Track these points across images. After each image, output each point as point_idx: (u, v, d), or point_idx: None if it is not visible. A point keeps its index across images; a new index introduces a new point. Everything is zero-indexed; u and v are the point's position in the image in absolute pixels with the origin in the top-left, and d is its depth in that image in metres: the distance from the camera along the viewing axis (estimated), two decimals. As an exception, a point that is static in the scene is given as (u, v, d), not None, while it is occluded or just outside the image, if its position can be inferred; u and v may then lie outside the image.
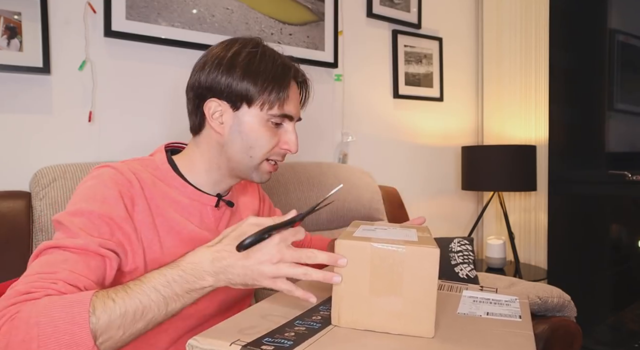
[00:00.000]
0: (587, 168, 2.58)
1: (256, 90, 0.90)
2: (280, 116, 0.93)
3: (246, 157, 0.93)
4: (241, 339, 0.62)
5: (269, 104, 0.91)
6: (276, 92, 0.91)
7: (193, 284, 0.71)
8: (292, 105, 0.95)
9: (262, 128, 0.92)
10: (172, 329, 0.90)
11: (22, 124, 1.39)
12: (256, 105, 0.91)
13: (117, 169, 0.86)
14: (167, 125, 1.62)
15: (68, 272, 0.70)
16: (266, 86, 0.91)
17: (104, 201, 0.80)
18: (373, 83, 2.22)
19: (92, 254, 0.75)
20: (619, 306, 2.51)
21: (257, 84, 0.90)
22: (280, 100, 0.92)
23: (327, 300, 0.81)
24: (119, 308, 0.65)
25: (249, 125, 0.92)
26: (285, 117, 0.94)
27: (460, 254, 1.63)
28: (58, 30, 1.43)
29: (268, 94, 0.91)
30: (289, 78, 0.94)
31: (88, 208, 0.79)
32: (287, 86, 0.93)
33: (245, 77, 0.90)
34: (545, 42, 2.34)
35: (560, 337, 1.47)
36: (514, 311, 0.81)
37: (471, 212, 2.66)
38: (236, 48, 0.93)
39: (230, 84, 0.90)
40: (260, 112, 0.92)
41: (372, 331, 0.69)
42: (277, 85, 0.91)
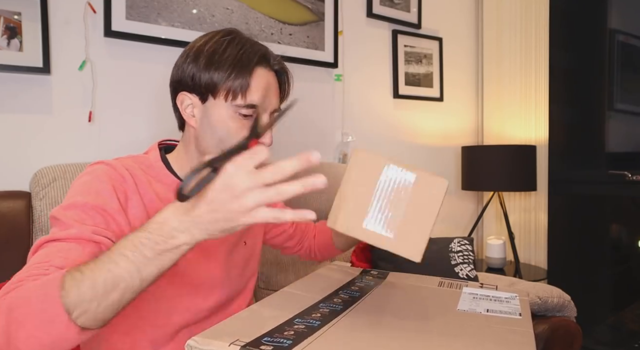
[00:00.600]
0: (587, 168, 2.58)
1: (218, 79, 0.86)
2: (246, 107, 0.87)
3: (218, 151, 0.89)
4: (240, 339, 0.62)
5: (232, 94, 0.86)
6: (239, 80, 0.86)
7: (163, 245, 0.63)
8: (260, 94, 0.88)
9: (230, 120, 0.87)
10: (170, 325, 0.90)
11: (22, 124, 1.39)
12: (221, 96, 0.87)
13: (111, 165, 0.86)
14: (167, 125, 1.61)
15: (61, 259, 0.70)
16: (228, 74, 0.86)
17: (98, 194, 0.80)
18: (373, 83, 2.22)
19: (86, 241, 0.74)
20: (619, 306, 2.51)
21: (218, 72, 0.86)
22: (243, 89, 0.86)
23: (326, 297, 0.81)
24: (87, 279, 0.62)
25: (216, 117, 0.88)
26: (253, 107, 0.88)
27: (460, 254, 1.63)
28: (58, 30, 1.43)
29: (231, 82, 0.86)
30: (252, 64, 0.87)
31: (82, 200, 0.78)
32: (250, 73, 0.87)
33: (208, 66, 0.87)
34: (545, 42, 2.34)
35: (560, 337, 1.47)
36: (514, 308, 0.81)
37: (471, 212, 2.65)
38: (207, 38, 0.90)
39: (194, 74, 0.88)
40: (226, 103, 0.87)
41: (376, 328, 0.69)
42: (239, 73, 0.86)
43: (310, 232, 1.28)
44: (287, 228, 1.22)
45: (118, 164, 0.87)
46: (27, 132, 1.40)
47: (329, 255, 1.29)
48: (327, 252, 1.26)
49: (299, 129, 1.97)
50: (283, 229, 1.21)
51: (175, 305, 0.90)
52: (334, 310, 0.75)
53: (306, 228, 1.27)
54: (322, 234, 1.25)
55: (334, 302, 0.79)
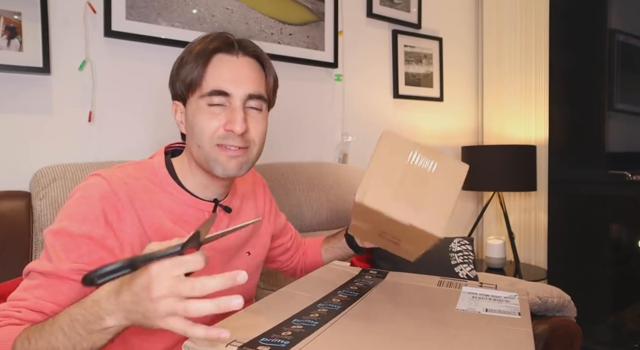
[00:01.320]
0: (587, 168, 2.58)
1: (184, 74, 0.87)
2: (209, 94, 0.85)
3: (196, 148, 0.88)
4: (237, 340, 0.62)
5: (196, 85, 0.86)
6: (197, 69, 0.85)
7: (94, 325, 0.62)
8: (222, 80, 0.86)
9: (200, 113, 0.86)
10: (167, 337, 0.88)
11: (22, 124, 1.39)
12: (191, 93, 0.88)
13: (107, 179, 0.83)
14: (167, 126, 1.62)
15: (35, 299, 0.73)
16: (190, 67, 0.86)
17: (85, 220, 0.79)
18: (373, 83, 2.22)
19: (64, 278, 0.75)
20: (619, 306, 2.51)
21: (185, 69, 0.87)
22: (201, 77, 0.85)
23: (325, 297, 0.81)
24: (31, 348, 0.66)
25: (190, 114, 0.89)
26: (218, 94, 0.85)
27: (460, 254, 1.63)
28: (58, 30, 1.43)
29: (192, 75, 0.86)
30: (209, 52, 0.86)
31: (68, 228, 0.78)
32: (208, 60, 0.86)
33: (179, 69, 0.89)
34: (545, 42, 2.34)
35: (560, 337, 1.47)
36: (513, 308, 0.81)
37: (471, 212, 2.65)
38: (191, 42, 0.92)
39: (173, 81, 0.91)
40: (194, 98, 0.87)
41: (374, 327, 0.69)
42: (197, 63, 0.86)
43: (301, 247, 1.27)
44: (285, 241, 1.22)
45: (115, 178, 0.84)
46: (27, 132, 1.40)
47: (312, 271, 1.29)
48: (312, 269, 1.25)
49: (299, 129, 1.97)
50: (282, 242, 1.21)
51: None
52: (332, 310, 0.75)
53: (299, 244, 1.27)
54: (313, 251, 1.25)
55: (333, 302, 0.79)
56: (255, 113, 0.91)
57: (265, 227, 1.10)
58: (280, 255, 1.23)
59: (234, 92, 0.86)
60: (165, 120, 1.62)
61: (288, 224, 1.25)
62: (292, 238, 1.24)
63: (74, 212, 0.80)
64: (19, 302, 0.73)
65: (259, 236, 1.07)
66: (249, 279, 1.03)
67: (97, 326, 0.62)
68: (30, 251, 1.25)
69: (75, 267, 0.76)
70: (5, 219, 1.24)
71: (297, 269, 1.27)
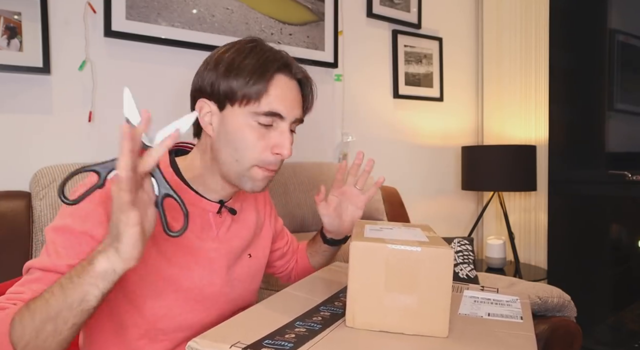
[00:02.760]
0: (587, 168, 2.58)
1: (237, 86, 0.83)
2: (265, 114, 0.84)
3: (232, 161, 0.86)
4: (241, 341, 0.62)
5: (250, 100, 0.84)
6: (257, 86, 0.83)
7: (86, 268, 0.65)
8: (280, 102, 0.85)
9: (246, 128, 0.85)
10: (169, 340, 0.88)
11: (22, 124, 1.39)
12: (239, 103, 0.84)
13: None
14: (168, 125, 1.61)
15: (32, 292, 0.72)
16: (247, 80, 0.83)
17: (87, 218, 0.79)
18: (373, 83, 2.22)
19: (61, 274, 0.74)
20: (619, 306, 2.51)
21: (238, 79, 0.84)
22: (260, 95, 0.84)
23: (327, 300, 0.81)
24: (29, 312, 0.66)
25: (232, 125, 0.85)
26: (272, 115, 0.85)
27: (460, 254, 1.64)
28: (58, 30, 1.43)
29: (249, 87, 0.83)
30: (272, 70, 0.85)
31: (70, 225, 0.78)
32: (270, 78, 0.84)
33: (227, 73, 0.84)
34: (545, 42, 2.34)
35: (560, 337, 1.47)
36: (515, 312, 0.81)
37: (471, 212, 2.65)
38: (228, 46, 0.89)
39: (213, 81, 0.86)
40: (243, 110, 0.84)
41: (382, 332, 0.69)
42: (257, 79, 0.83)
43: (296, 253, 1.26)
44: (282, 246, 1.20)
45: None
46: (27, 132, 1.40)
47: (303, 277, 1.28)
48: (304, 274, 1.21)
49: (299, 129, 1.96)
50: (278, 246, 1.19)
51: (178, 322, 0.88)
52: (335, 314, 0.75)
53: (295, 250, 1.25)
54: (302, 256, 1.24)
55: (335, 306, 0.78)
56: (293, 135, 0.91)
57: (266, 229, 1.09)
58: (277, 260, 1.21)
59: (287, 116, 0.87)
60: (166, 120, 1.61)
61: (284, 228, 1.24)
62: (288, 243, 1.23)
63: (75, 209, 0.80)
64: (15, 295, 0.72)
65: (261, 238, 1.07)
66: (249, 283, 1.03)
67: (88, 269, 0.64)
68: (30, 251, 1.24)
69: (74, 263, 0.75)
70: (5, 219, 1.24)
71: (291, 274, 1.26)
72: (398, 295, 0.69)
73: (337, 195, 1.12)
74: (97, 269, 0.64)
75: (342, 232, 1.13)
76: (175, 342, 0.89)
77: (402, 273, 0.68)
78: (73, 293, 0.64)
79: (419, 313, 0.68)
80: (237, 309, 0.98)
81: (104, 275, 0.64)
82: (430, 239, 0.73)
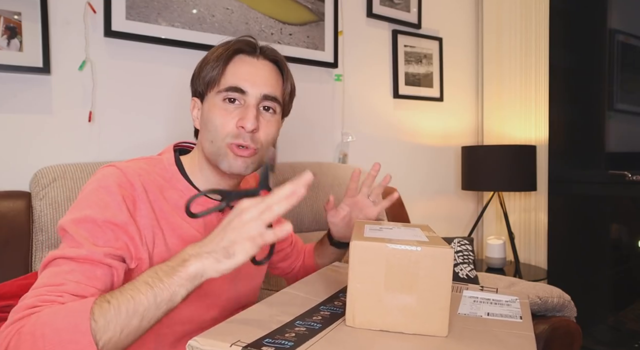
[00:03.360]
0: (587, 168, 2.58)
1: (205, 74, 0.91)
2: (226, 90, 0.89)
3: (209, 143, 0.90)
4: (241, 340, 0.62)
5: (214, 82, 0.90)
6: (218, 68, 0.90)
7: (177, 270, 0.68)
8: (238, 77, 0.90)
9: (214, 109, 0.90)
10: (171, 334, 0.88)
11: (22, 124, 1.39)
12: (209, 89, 0.91)
13: (122, 170, 0.85)
14: (167, 126, 1.62)
15: (74, 283, 0.71)
16: (212, 66, 0.90)
17: (107, 207, 0.79)
18: (373, 83, 2.22)
19: (98, 263, 0.75)
20: (619, 306, 2.51)
21: (206, 68, 0.91)
22: (220, 75, 0.90)
23: (327, 299, 0.81)
24: (113, 307, 0.65)
25: (206, 110, 0.92)
26: (233, 90, 0.89)
27: (460, 254, 1.64)
28: (58, 30, 1.43)
29: (212, 72, 0.90)
30: (231, 52, 0.91)
31: (91, 215, 0.78)
32: (228, 58, 0.91)
33: (201, 67, 0.93)
34: (545, 42, 2.34)
35: (560, 337, 1.47)
36: (515, 312, 0.81)
37: (471, 212, 2.66)
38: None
39: (194, 79, 0.94)
40: (211, 94, 0.91)
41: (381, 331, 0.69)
42: (218, 61, 0.90)
43: (301, 255, 1.27)
44: (285, 247, 1.21)
45: (129, 169, 0.86)
46: (27, 132, 1.40)
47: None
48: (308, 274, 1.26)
49: (299, 129, 1.97)
50: (281, 247, 1.20)
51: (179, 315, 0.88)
52: (335, 313, 0.75)
53: (300, 251, 1.26)
54: (309, 258, 1.26)
55: (335, 305, 0.79)
56: (269, 115, 0.93)
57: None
58: (281, 262, 1.22)
59: (250, 91, 0.90)
60: (166, 120, 1.62)
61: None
62: (292, 244, 1.24)
63: (94, 200, 0.80)
64: (55, 287, 0.70)
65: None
66: (251, 280, 1.03)
67: (180, 270, 0.68)
68: (30, 251, 1.24)
69: (107, 251, 0.76)
70: (5, 219, 1.24)
71: (297, 276, 1.27)
72: (398, 295, 0.69)
73: (349, 205, 1.13)
74: (190, 271, 0.68)
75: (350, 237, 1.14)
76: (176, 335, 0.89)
77: (402, 273, 0.68)
78: (162, 292, 0.67)
79: (419, 312, 0.69)
80: (239, 307, 0.98)
81: (193, 278, 0.68)
82: (430, 239, 0.73)
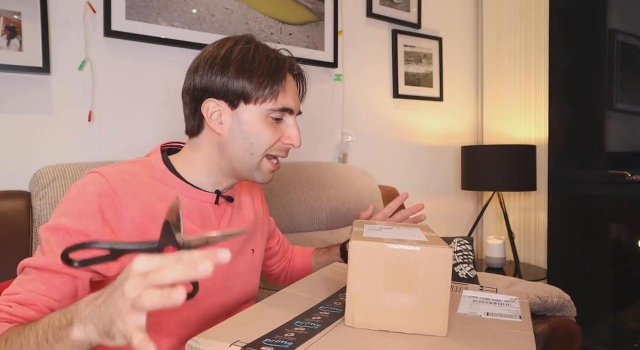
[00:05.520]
0: (587, 168, 2.58)
1: (252, 87, 0.89)
2: (279, 110, 0.92)
3: (247, 155, 0.92)
4: (241, 340, 0.62)
5: (266, 99, 0.90)
6: (271, 86, 0.90)
7: (62, 331, 0.59)
8: (290, 98, 0.94)
9: (262, 124, 0.91)
10: (176, 336, 0.88)
11: (22, 124, 1.39)
12: (254, 102, 0.90)
13: (105, 177, 0.84)
14: (167, 126, 1.62)
15: (28, 292, 0.73)
16: (262, 81, 0.90)
17: (81, 217, 0.79)
18: (373, 83, 2.22)
19: (58, 273, 0.75)
20: (619, 306, 2.51)
21: (252, 81, 0.89)
22: (276, 94, 0.91)
23: (327, 300, 0.81)
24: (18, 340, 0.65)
25: (248, 122, 0.91)
26: (284, 111, 0.93)
27: (460, 254, 1.64)
28: (58, 30, 1.43)
29: (264, 89, 0.90)
30: (284, 71, 0.93)
31: (65, 224, 0.79)
32: (283, 79, 0.92)
33: (240, 74, 0.89)
34: (545, 42, 2.34)
35: (560, 337, 1.47)
36: (514, 312, 0.81)
37: (471, 212, 2.65)
38: (228, 46, 0.92)
39: (226, 83, 0.90)
40: (259, 108, 0.91)
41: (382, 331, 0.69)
42: (272, 80, 0.90)
43: (289, 254, 1.28)
44: (273, 245, 1.23)
45: (113, 175, 0.85)
46: (27, 132, 1.40)
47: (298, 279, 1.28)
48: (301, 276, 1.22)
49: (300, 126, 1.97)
50: (270, 245, 1.21)
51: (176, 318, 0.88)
52: (334, 313, 0.75)
53: (287, 250, 1.28)
54: (301, 260, 1.27)
55: (335, 305, 0.79)
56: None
57: (263, 225, 1.11)
58: (267, 260, 1.23)
59: (295, 110, 0.96)
60: (166, 120, 1.62)
61: (276, 229, 1.27)
62: (279, 243, 1.25)
63: (70, 208, 0.80)
64: (12, 296, 0.73)
65: (261, 235, 1.09)
66: (251, 277, 1.03)
67: (64, 334, 0.59)
68: (30, 251, 1.24)
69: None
70: (5, 219, 1.24)
71: (281, 275, 1.29)
72: (397, 295, 0.69)
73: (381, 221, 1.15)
74: (73, 338, 0.58)
75: None
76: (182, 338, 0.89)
77: (402, 273, 0.68)
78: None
79: (418, 312, 0.69)
80: (238, 304, 0.99)
81: (79, 345, 0.59)
82: (430, 239, 0.73)
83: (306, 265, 1.26)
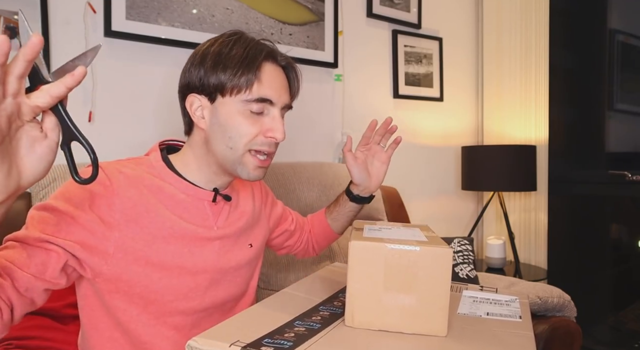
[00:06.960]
0: (587, 168, 2.58)
1: (226, 76, 0.87)
2: (255, 101, 0.87)
3: (227, 149, 0.89)
4: (241, 340, 0.62)
5: (241, 89, 0.87)
6: (246, 75, 0.86)
7: None
8: (268, 88, 0.89)
9: (239, 116, 0.88)
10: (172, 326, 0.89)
11: (22, 124, 1.39)
12: (229, 93, 0.87)
13: (102, 167, 0.84)
14: (167, 125, 1.62)
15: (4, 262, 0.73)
16: (235, 71, 0.86)
17: (70, 199, 0.80)
18: (373, 83, 2.22)
19: (32, 246, 0.75)
20: (619, 306, 2.51)
21: (226, 71, 0.87)
22: (250, 83, 0.87)
23: (326, 300, 0.81)
24: None
25: (225, 115, 0.88)
26: (262, 101, 0.88)
27: (460, 254, 1.64)
28: (58, 30, 1.43)
29: (238, 78, 0.86)
30: (259, 59, 0.88)
31: (53, 204, 0.79)
32: (258, 67, 0.88)
33: (215, 66, 0.87)
34: (545, 42, 2.34)
35: (560, 337, 1.47)
36: (514, 311, 0.81)
37: (471, 212, 2.65)
38: (212, 40, 0.92)
39: (202, 76, 0.88)
40: (234, 99, 0.87)
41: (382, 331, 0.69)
42: (246, 68, 0.87)
43: (306, 225, 1.29)
44: (288, 226, 1.22)
45: (111, 167, 0.85)
46: (27, 133, 1.40)
47: (327, 244, 1.31)
48: (326, 240, 1.29)
49: (299, 129, 1.97)
50: (285, 228, 1.21)
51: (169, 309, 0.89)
52: (334, 313, 0.75)
53: (303, 224, 1.28)
54: (319, 224, 1.27)
55: (334, 305, 0.79)
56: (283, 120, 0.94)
57: (264, 218, 1.11)
58: (287, 240, 1.24)
59: (277, 102, 0.90)
60: (165, 119, 1.62)
61: (286, 209, 1.26)
62: (293, 221, 1.25)
63: (62, 192, 0.81)
64: None
65: (260, 228, 1.08)
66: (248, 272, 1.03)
67: None
68: (30, 252, 1.24)
69: (44, 237, 0.76)
70: (5, 219, 1.24)
71: (308, 248, 1.30)
72: (397, 295, 0.69)
73: (363, 151, 1.20)
74: None
75: (369, 187, 1.19)
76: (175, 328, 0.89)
77: (401, 272, 0.68)
78: None
79: (418, 312, 0.69)
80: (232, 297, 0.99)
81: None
82: (429, 239, 0.73)
83: (325, 228, 1.26)
